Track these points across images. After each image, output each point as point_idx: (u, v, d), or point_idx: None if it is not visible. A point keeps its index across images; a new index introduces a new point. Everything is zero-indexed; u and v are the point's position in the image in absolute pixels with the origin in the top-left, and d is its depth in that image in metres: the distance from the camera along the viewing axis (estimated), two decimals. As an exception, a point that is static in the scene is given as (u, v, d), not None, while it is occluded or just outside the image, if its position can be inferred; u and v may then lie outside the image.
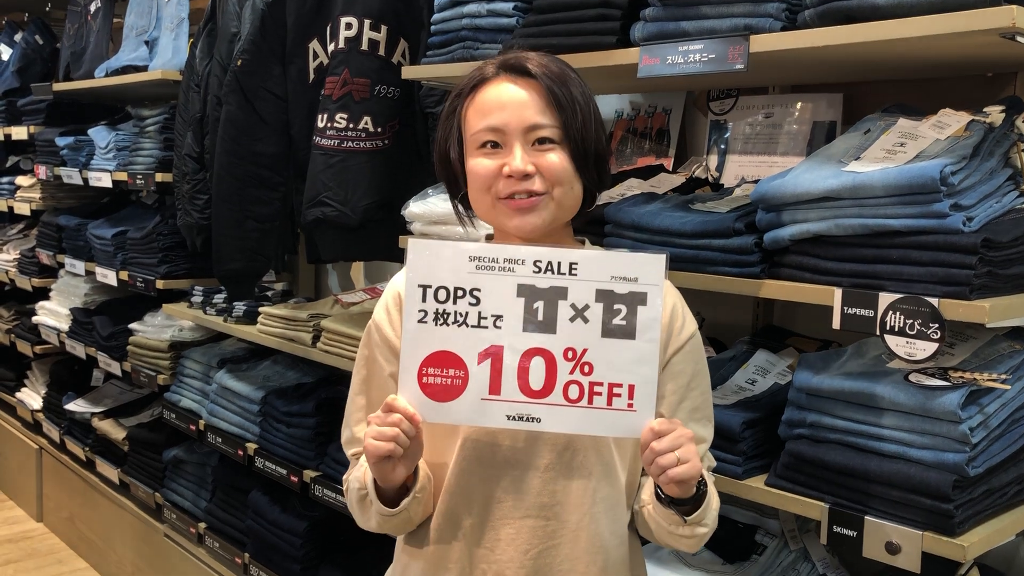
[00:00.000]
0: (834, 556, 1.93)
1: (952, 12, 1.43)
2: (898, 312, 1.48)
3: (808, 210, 1.62)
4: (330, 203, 2.58)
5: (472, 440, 1.43)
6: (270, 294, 3.48)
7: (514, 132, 1.40)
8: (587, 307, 1.31)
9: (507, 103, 1.41)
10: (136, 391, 4.22)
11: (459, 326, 1.32)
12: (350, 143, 2.59)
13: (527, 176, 1.39)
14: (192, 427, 3.36)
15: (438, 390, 1.33)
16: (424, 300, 1.33)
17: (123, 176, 3.76)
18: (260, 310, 3.13)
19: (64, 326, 4.31)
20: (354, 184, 2.58)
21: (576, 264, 1.31)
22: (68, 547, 4.52)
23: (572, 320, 1.31)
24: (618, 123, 2.51)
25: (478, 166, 1.43)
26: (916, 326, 1.46)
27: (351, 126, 2.58)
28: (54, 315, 4.44)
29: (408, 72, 2.43)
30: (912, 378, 1.56)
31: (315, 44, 2.72)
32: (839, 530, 1.58)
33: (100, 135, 3.98)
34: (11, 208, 4.81)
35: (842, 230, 1.58)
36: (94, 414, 4.15)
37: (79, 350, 4.14)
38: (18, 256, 4.83)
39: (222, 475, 3.38)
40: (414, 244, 1.34)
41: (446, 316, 1.32)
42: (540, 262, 1.32)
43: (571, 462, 1.43)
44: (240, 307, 3.24)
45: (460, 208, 1.55)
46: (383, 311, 1.51)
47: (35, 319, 4.57)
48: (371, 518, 1.47)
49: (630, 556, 1.51)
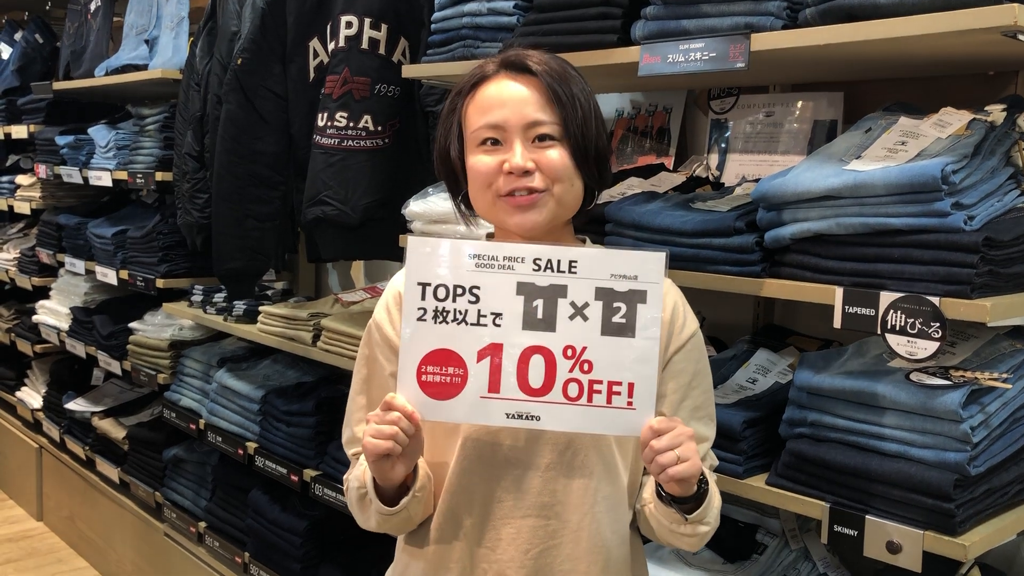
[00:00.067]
0: (835, 555, 1.93)
1: (953, 10, 1.42)
2: (899, 311, 1.48)
3: (809, 209, 1.62)
4: (330, 202, 2.58)
5: (473, 439, 1.43)
6: (270, 293, 3.48)
7: (514, 129, 1.40)
8: (587, 305, 1.31)
9: (507, 100, 1.41)
10: (136, 390, 4.22)
11: (458, 324, 1.32)
12: (350, 142, 2.58)
13: (527, 173, 1.39)
14: (192, 426, 3.36)
15: (437, 388, 1.33)
16: (423, 298, 1.32)
17: (123, 175, 3.75)
18: (260, 309, 3.13)
19: (64, 325, 4.31)
20: (354, 183, 2.58)
21: (576, 262, 1.31)
22: (68, 546, 4.52)
23: (572, 318, 1.31)
24: (619, 122, 2.51)
25: (478, 163, 1.42)
26: (917, 325, 1.46)
27: (351, 125, 2.58)
28: (54, 314, 4.44)
29: (408, 71, 2.43)
30: (913, 377, 1.56)
31: (315, 43, 2.72)
32: (840, 529, 1.57)
33: (100, 134, 3.98)
34: (11, 207, 4.81)
35: (843, 229, 1.57)
36: (94, 413, 4.15)
37: (79, 349, 4.14)
38: (18, 255, 4.83)
39: (222, 474, 3.38)
40: (413, 242, 1.34)
41: (445, 314, 1.32)
42: (540, 260, 1.31)
43: (572, 461, 1.42)
44: (240, 306, 3.24)
45: (461, 207, 1.55)
46: (384, 310, 1.51)
47: (35, 318, 4.56)
48: (371, 517, 1.47)
49: (631, 556, 1.50)
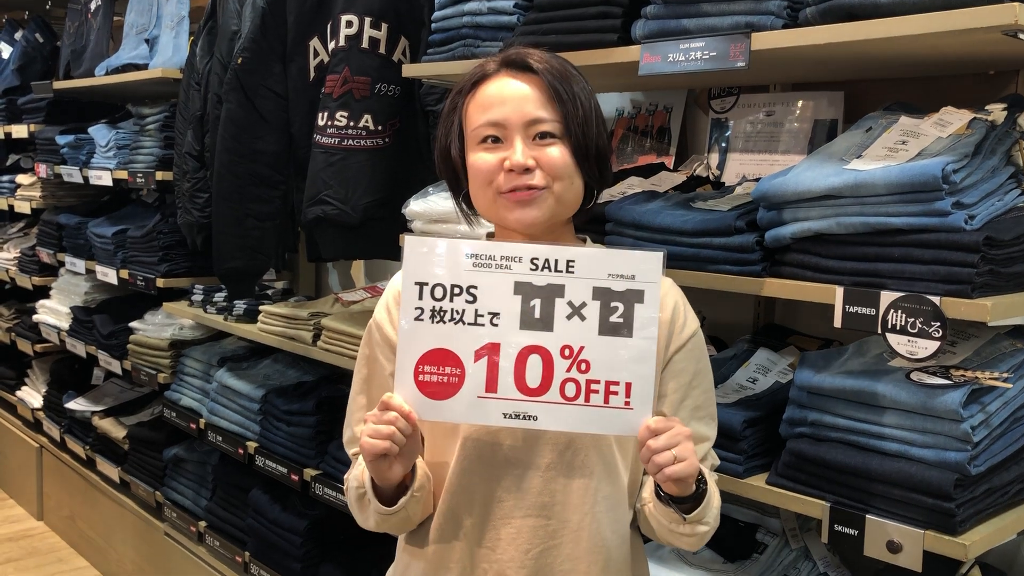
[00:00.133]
0: (835, 555, 1.93)
1: (954, 10, 1.42)
2: (899, 310, 1.48)
3: (809, 208, 1.61)
4: (330, 201, 2.58)
5: (473, 439, 1.43)
6: (270, 293, 3.47)
7: (515, 126, 1.40)
8: (584, 305, 1.31)
9: (508, 97, 1.41)
10: (136, 390, 4.22)
11: (456, 324, 1.32)
12: (351, 141, 2.58)
13: (528, 170, 1.39)
14: (192, 426, 3.36)
15: (434, 388, 1.33)
16: (420, 298, 1.32)
17: (123, 174, 3.75)
18: (260, 309, 3.13)
19: (64, 324, 4.31)
20: (355, 182, 2.58)
21: (573, 262, 1.31)
22: (68, 545, 4.52)
23: (569, 318, 1.31)
24: (619, 121, 2.50)
25: (479, 160, 1.42)
26: (918, 324, 1.46)
27: (352, 124, 2.58)
28: (54, 313, 4.44)
29: (409, 70, 2.43)
30: (913, 377, 1.56)
31: (315, 42, 2.72)
32: (840, 529, 1.57)
33: (100, 133, 3.98)
34: (11, 206, 4.81)
35: (843, 228, 1.57)
36: (94, 412, 4.15)
37: (79, 349, 4.14)
38: (18, 254, 4.83)
39: (222, 474, 3.38)
40: (410, 241, 1.34)
41: (443, 314, 1.32)
42: (537, 259, 1.31)
43: (572, 461, 1.42)
44: (240, 306, 3.24)
45: (462, 206, 1.55)
46: (384, 310, 1.51)
47: (35, 317, 4.56)
48: (369, 517, 1.47)
49: (632, 555, 1.50)
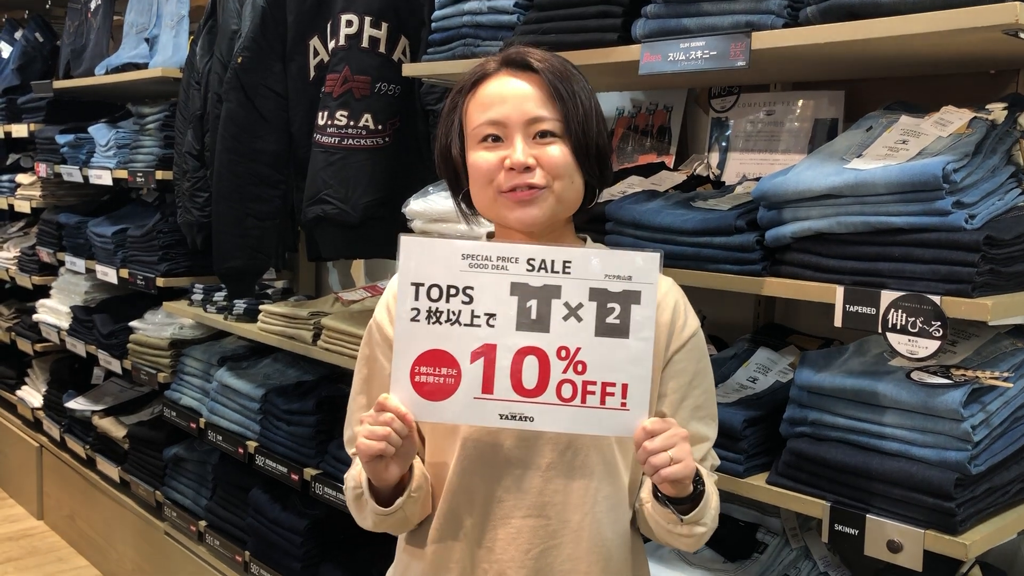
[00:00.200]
0: (835, 554, 1.93)
1: (954, 9, 1.42)
2: (900, 310, 1.48)
3: (810, 208, 1.61)
4: (330, 201, 2.58)
5: (473, 440, 1.43)
6: (270, 292, 3.47)
7: (515, 125, 1.40)
8: (580, 306, 1.30)
9: (508, 96, 1.41)
10: (136, 389, 4.22)
11: (452, 325, 1.32)
12: (351, 141, 2.58)
13: (528, 169, 1.39)
14: (192, 425, 3.36)
15: (431, 389, 1.32)
16: (417, 298, 1.32)
17: (123, 174, 3.75)
18: (260, 308, 3.13)
19: (64, 324, 4.31)
20: (355, 182, 2.58)
21: (570, 262, 1.31)
22: (69, 545, 4.52)
23: (565, 319, 1.30)
24: (619, 121, 2.50)
25: (479, 160, 1.42)
26: (918, 324, 1.46)
27: (352, 124, 2.58)
28: (54, 313, 4.43)
29: (409, 69, 2.43)
30: (914, 376, 1.56)
31: (315, 41, 2.72)
32: (841, 528, 1.57)
33: (100, 133, 3.98)
34: (11, 206, 4.81)
35: (844, 228, 1.57)
36: (94, 412, 4.15)
37: (79, 348, 4.14)
38: (18, 254, 4.83)
39: (222, 473, 3.38)
40: (406, 242, 1.33)
41: (439, 314, 1.32)
42: (533, 260, 1.31)
43: (572, 462, 1.42)
44: (240, 305, 3.23)
45: (461, 205, 1.55)
46: (384, 310, 1.51)
47: (35, 317, 4.56)
48: (367, 517, 1.47)
49: (632, 555, 1.50)
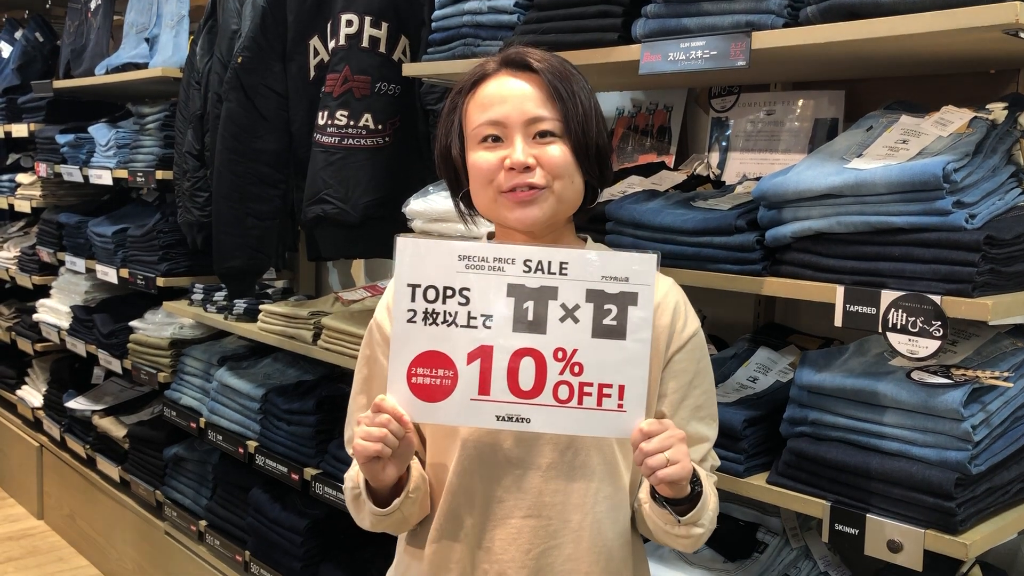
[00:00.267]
0: (835, 554, 1.93)
1: (954, 8, 1.42)
2: (900, 310, 1.48)
3: (810, 207, 1.61)
4: (331, 200, 2.58)
5: (473, 440, 1.43)
6: (270, 292, 3.47)
7: (515, 125, 1.40)
8: (577, 307, 1.30)
9: (508, 96, 1.41)
10: (137, 389, 4.22)
11: (448, 326, 1.31)
12: (351, 140, 2.58)
13: (528, 169, 1.39)
14: (193, 425, 3.36)
15: (427, 390, 1.33)
16: (413, 299, 1.32)
17: (123, 174, 3.75)
18: (261, 308, 3.13)
19: (65, 324, 4.31)
20: (355, 181, 2.58)
21: (566, 263, 1.31)
22: (69, 544, 4.52)
23: (562, 320, 1.30)
24: (619, 120, 2.50)
25: (479, 160, 1.42)
26: (918, 324, 1.46)
27: (352, 123, 2.58)
28: (55, 313, 4.43)
29: (409, 69, 2.43)
30: (914, 376, 1.56)
31: (315, 41, 2.72)
32: (841, 528, 1.57)
33: (100, 132, 3.98)
34: (11, 206, 4.81)
35: (844, 227, 1.57)
36: (95, 412, 4.15)
37: (80, 348, 4.14)
38: (18, 254, 4.83)
39: (223, 473, 3.38)
40: (403, 243, 1.33)
41: (435, 316, 1.32)
42: (530, 261, 1.31)
43: (573, 461, 1.42)
44: (241, 305, 3.23)
45: (461, 205, 1.55)
46: (384, 310, 1.51)
47: (36, 317, 4.56)
48: (365, 518, 1.47)
49: (633, 555, 1.50)
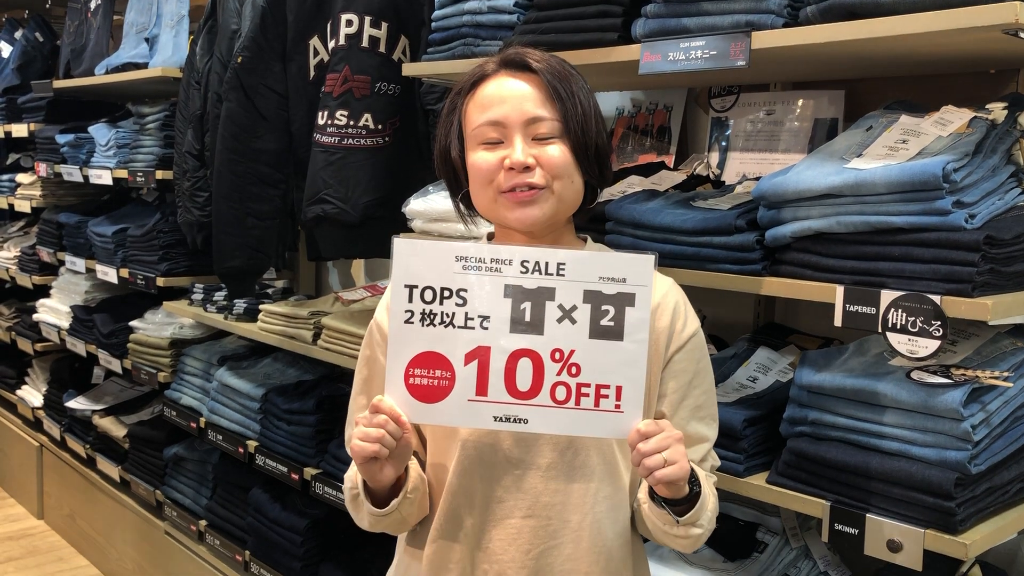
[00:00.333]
0: (835, 554, 1.93)
1: (954, 8, 1.42)
2: (900, 309, 1.48)
3: (810, 207, 1.61)
4: (330, 200, 2.58)
5: (473, 440, 1.43)
6: (271, 291, 3.47)
7: (514, 125, 1.40)
8: (575, 308, 1.30)
9: (507, 97, 1.41)
10: (137, 388, 4.22)
11: (446, 327, 1.31)
12: (351, 140, 2.58)
13: (528, 169, 1.39)
14: (193, 424, 3.36)
15: (425, 391, 1.33)
16: (410, 300, 1.32)
17: (123, 173, 3.75)
18: (261, 308, 3.13)
19: (65, 323, 4.31)
20: (354, 181, 2.58)
21: (564, 264, 1.30)
22: (69, 544, 4.52)
23: (559, 321, 1.30)
24: (619, 120, 2.50)
25: (479, 160, 1.42)
26: (918, 323, 1.46)
27: (352, 123, 2.58)
28: (55, 312, 4.44)
29: (409, 69, 2.43)
30: (914, 376, 1.56)
31: (315, 41, 2.72)
32: (841, 528, 1.57)
33: (100, 132, 3.98)
34: (11, 205, 4.81)
35: (844, 227, 1.57)
36: (95, 411, 4.15)
37: (80, 347, 4.14)
38: (18, 253, 4.83)
39: (223, 472, 3.38)
40: (399, 244, 1.33)
41: (432, 317, 1.32)
42: (527, 262, 1.31)
43: (573, 462, 1.42)
44: (241, 304, 3.23)
45: (461, 206, 1.55)
46: (384, 311, 1.51)
47: (36, 316, 4.56)
48: (363, 518, 1.47)
49: (632, 555, 1.50)
